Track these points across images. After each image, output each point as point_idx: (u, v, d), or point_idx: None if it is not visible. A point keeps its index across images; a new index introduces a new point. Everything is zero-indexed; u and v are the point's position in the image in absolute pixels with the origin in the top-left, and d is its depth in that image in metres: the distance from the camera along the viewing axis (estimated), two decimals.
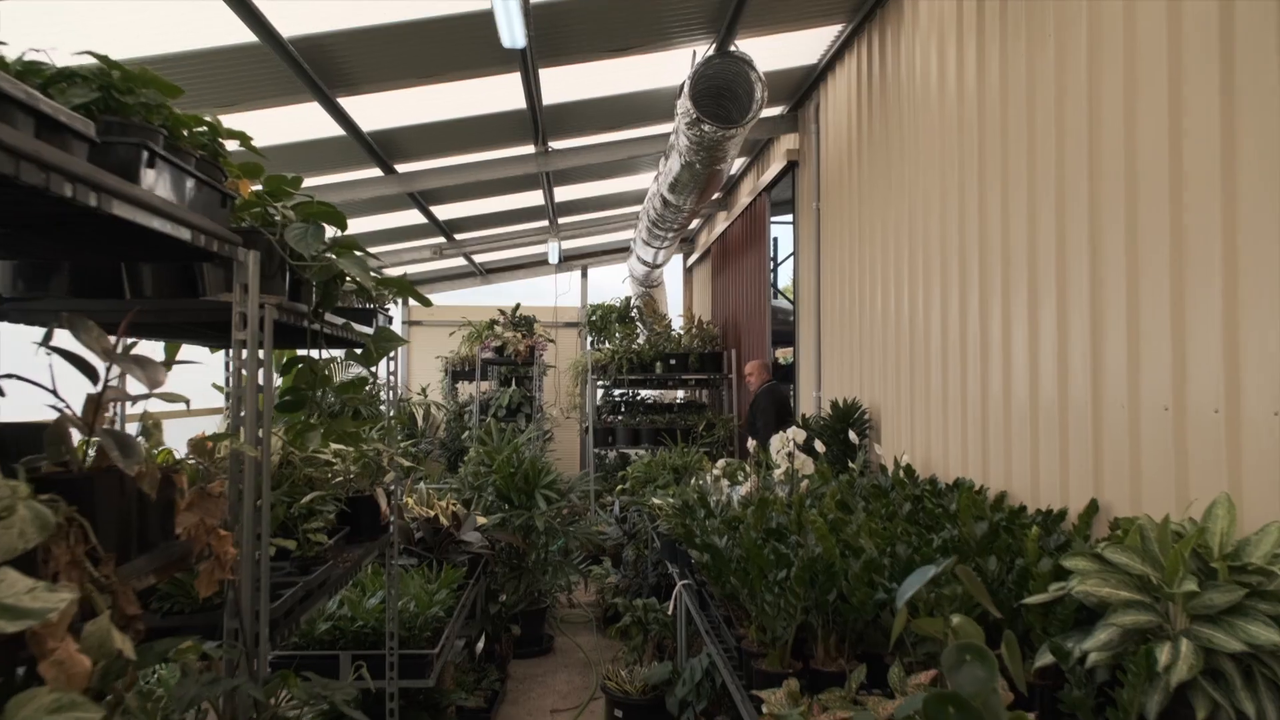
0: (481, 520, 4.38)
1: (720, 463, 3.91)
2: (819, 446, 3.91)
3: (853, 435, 4.10)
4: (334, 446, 2.84)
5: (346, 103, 4.86)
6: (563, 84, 5.26)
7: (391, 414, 3.18)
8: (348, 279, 2.02)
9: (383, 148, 5.73)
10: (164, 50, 3.90)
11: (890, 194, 4.51)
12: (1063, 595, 1.98)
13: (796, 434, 3.48)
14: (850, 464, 4.01)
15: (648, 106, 5.96)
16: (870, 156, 4.86)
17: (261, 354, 1.58)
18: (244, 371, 1.52)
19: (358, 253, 1.74)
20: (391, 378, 3.02)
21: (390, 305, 2.96)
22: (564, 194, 8.07)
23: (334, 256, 1.68)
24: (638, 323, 9.73)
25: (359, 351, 2.34)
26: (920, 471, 3.82)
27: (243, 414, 1.53)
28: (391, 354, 3.01)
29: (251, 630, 1.54)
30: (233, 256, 1.49)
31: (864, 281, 4.95)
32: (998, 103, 3.33)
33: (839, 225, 5.48)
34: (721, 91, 5.25)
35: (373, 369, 2.08)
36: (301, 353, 2.00)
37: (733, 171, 8.49)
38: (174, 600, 1.63)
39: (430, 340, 11.60)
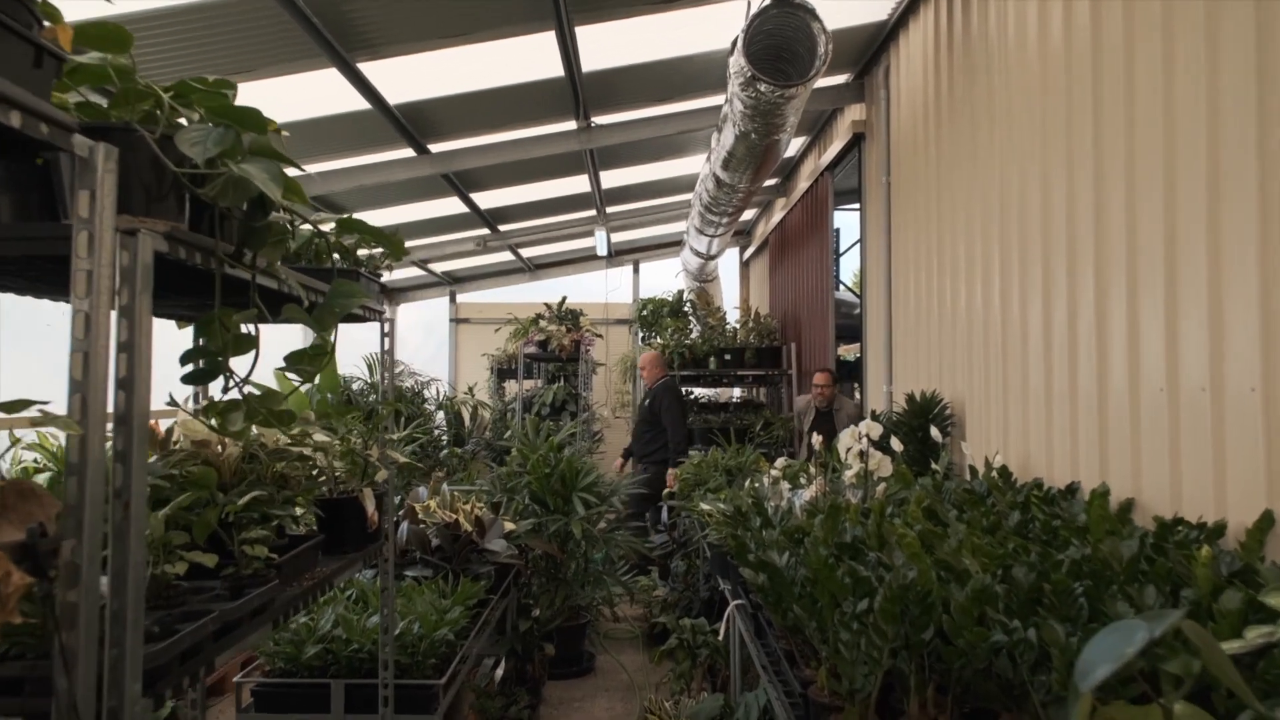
0: (510, 526, 3.91)
1: (779, 462, 3.37)
2: (895, 444, 3.33)
3: (935, 432, 3.52)
4: (318, 438, 2.40)
5: (368, 69, 4.45)
6: (603, 47, 4.78)
7: (383, 400, 2.72)
8: (292, 217, 1.56)
9: (413, 124, 5.32)
10: (159, 4, 3.53)
11: (976, 168, 3.91)
12: (1269, 646, 1.41)
13: (871, 428, 2.92)
14: (933, 465, 3.43)
15: (698, 74, 5.45)
16: (951, 126, 4.27)
17: (119, 301, 1.12)
18: (91, 319, 1.06)
19: (281, 167, 1.27)
20: (386, 357, 2.56)
21: (384, 270, 2.51)
22: (611, 179, 7.60)
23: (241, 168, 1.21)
24: (690, 316, 9.21)
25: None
26: (1017, 474, 3.23)
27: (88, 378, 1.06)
28: (386, 329, 2.55)
29: (98, 688, 1.07)
30: (66, 148, 1.03)
31: (943, 264, 4.35)
32: (1120, 54, 2.71)
33: (913, 203, 4.89)
34: (780, 51, 4.71)
35: (327, 336, 1.61)
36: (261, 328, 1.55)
37: (791, 153, 7.93)
38: (17, 640, 1.18)
39: (477, 338, 11.27)
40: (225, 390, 1.39)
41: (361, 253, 2.49)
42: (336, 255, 2.33)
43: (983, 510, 2.55)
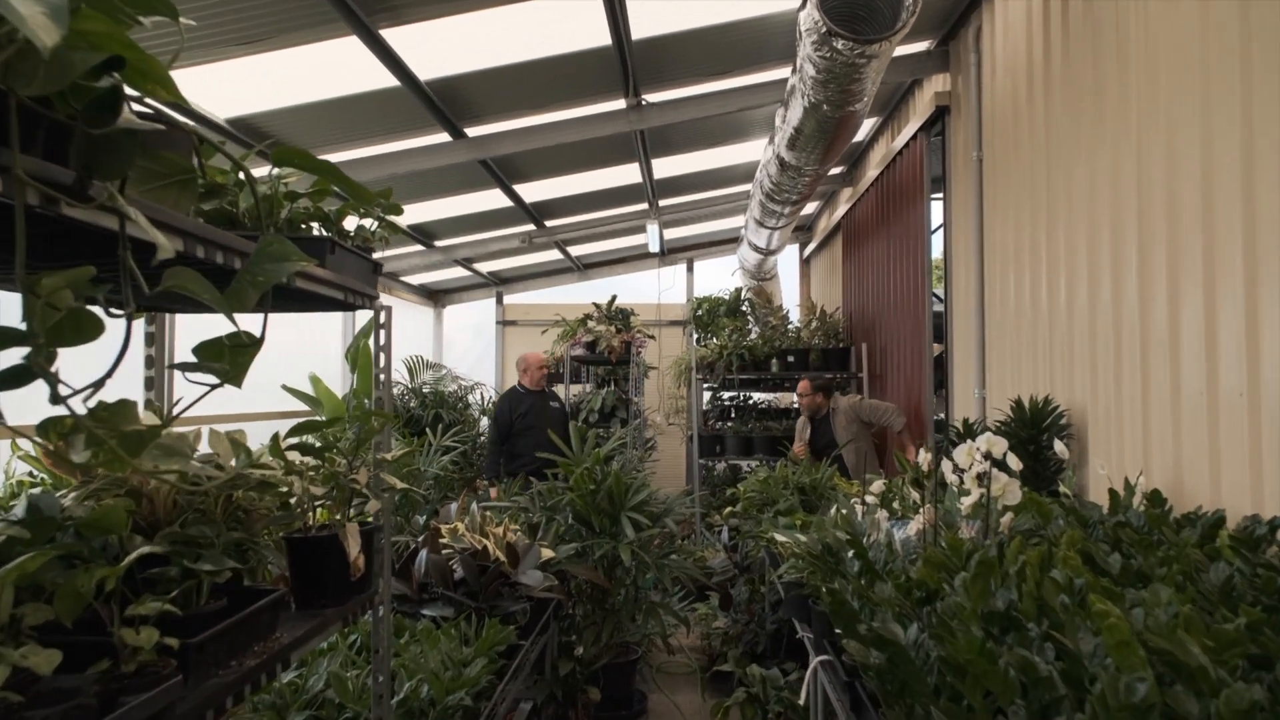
0: (549, 554, 3.38)
1: (876, 485, 2.77)
2: (1013, 461, 2.70)
3: (1059, 446, 2.88)
4: (294, 457, 1.89)
5: (391, 36, 3.97)
6: (654, 8, 4.24)
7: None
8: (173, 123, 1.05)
9: (446, 102, 4.85)
10: None
11: (1101, 144, 3.26)
12: None
13: (993, 444, 2.31)
14: (1061, 487, 2.80)
15: (761, 41, 4.87)
16: (1065, 93, 3.62)
17: None
18: None
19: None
20: (381, 354, 2.04)
21: (378, 247, 1.99)
22: (664, 168, 7.05)
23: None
24: (749, 316, 8.60)
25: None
26: (1173, 501, 2.58)
27: None
28: (382, 320, 2.03)
29: None
30: None
31: (1055, 253, 3.71)
32: None
33: (1010, 184, 4.24)
34: (855, 9, 4.10)
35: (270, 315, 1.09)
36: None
37: (859, 138, 7.28)
38: None
39: (524, 341, 10.81)
40: (54, 401, 0.87)
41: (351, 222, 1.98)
42: (317, 224, 1.83)
43: (1156, 556, 1.93)
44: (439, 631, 2.61)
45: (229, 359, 1.17)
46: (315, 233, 1.82)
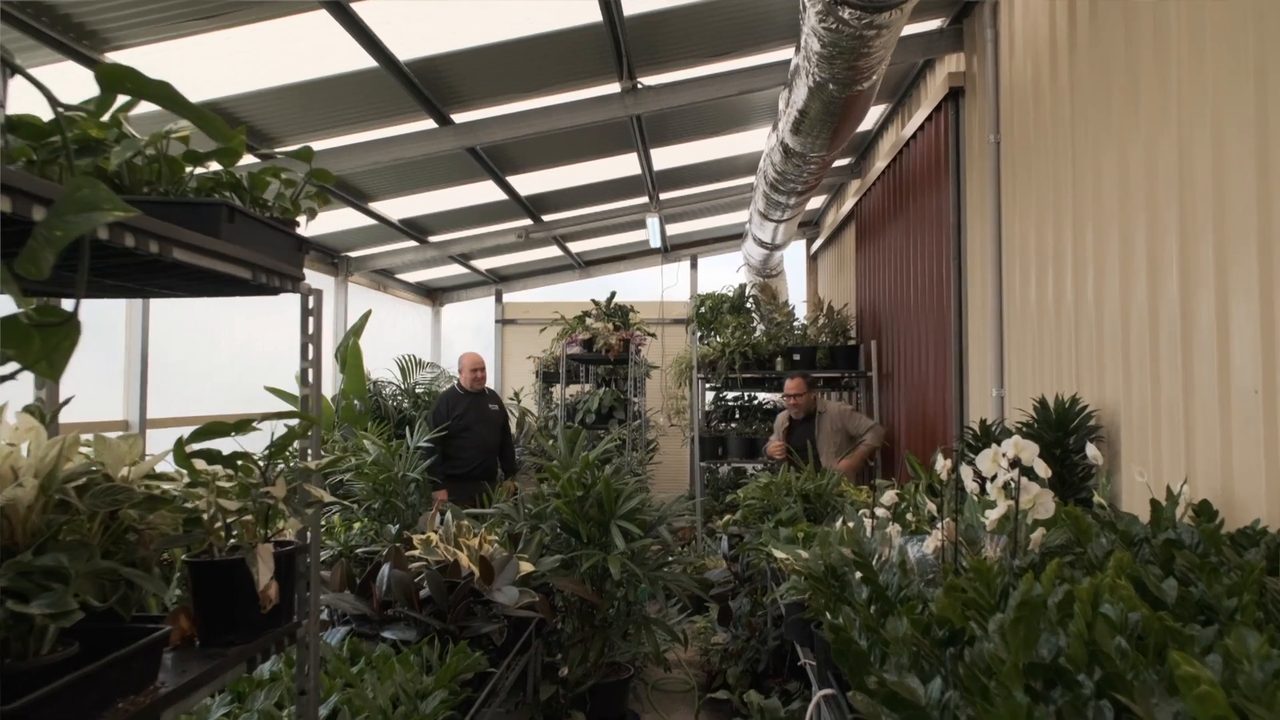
0: (528, 568, 3.09)
1: (887, 496, 2.48)
2: (1040, 468, 2.39)
3: (1092, 451, 2.58)
4: (203, 466, 1.61)
5: (364, 10, 3.70)
6: None
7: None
8: None
9: (429, 85, 4.58)
10: None
11: (1135, 121, 2.95)
12: None
13: (1022, 448, 2.02)
14: (1095, 495, 2.50)
15: (762, 16, 4.58)
16: (1091, 67, 3.32)
17: None
18: None
19: None
20: (309, 344, 1.75)
21: (305, 218, 1.70)
22: (663, 159, 6.76)
23: None
24: (754, 313, 8.30)
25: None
26: (1223, 514, 2.28)
27: None
28: (310, 305, 1.75)
29: None
30: None
31: (1081, 244, 3.40)
32: None
33: (1031, 171, 3.94)
34: None
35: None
36: None
37: (866, 127, 6.98)
38: None
39: (524, 340, 10.55)
40: None
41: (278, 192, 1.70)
42: (231, 193, 1.54)
43: (1223, 583, 1.63)
44: (396, 659, 2.33)
45: (39, 343, 0.89)
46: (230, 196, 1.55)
